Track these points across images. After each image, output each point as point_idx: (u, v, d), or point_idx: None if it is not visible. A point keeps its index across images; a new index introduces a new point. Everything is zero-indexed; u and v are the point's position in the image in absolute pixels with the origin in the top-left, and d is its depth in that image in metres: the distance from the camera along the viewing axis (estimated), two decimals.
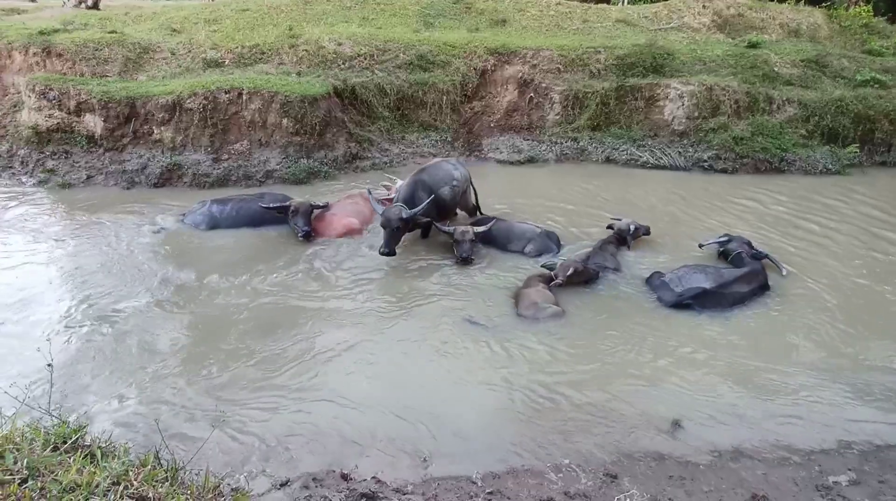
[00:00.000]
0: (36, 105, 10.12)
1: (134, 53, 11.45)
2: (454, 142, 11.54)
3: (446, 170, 7.97)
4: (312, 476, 4.17)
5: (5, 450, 1.99)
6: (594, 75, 11.92)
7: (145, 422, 4.44)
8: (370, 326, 5.92)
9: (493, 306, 6.36)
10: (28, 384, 4.53)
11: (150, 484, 1.98)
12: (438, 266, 7.23)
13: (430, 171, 7.87)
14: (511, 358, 5.50)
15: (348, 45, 11.66)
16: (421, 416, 4.76)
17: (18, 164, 10.05)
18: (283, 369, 5.24)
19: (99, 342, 5.51)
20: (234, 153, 10.23)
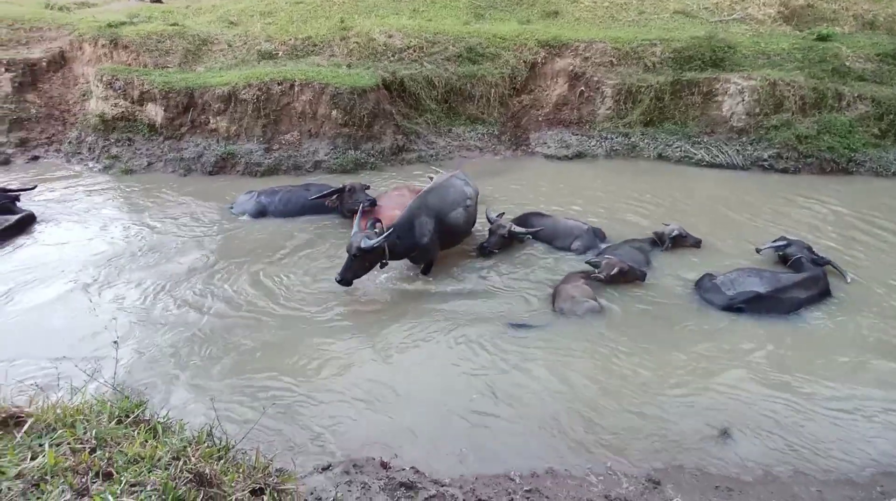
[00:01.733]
0: (103, 94, 10.66)
1: (193, 45, 11.86)
2: (501, 136, 11.43)
3: (458, 188, 6.99)
4: (353, 463, 4.24)
5: (76, 421, 2.11)
6: (649, 69, 11.52)
7: (199, 401, 4.63)
8: (411, 322, 5.94)
9: (533, 307, 6.28)
10: (97, 359, 4.84)
11: (206, 461, 2.06)
12: (479, 265, 7.17)
13: (438, 192, 6.84)
14: (552, 360, 5.41)
15: (398, 37, 11.70)
16: (460, 411, 4.77)
17: (86, 150, 10.63)
18: (329, 359, 5.35)
19: (161, 324, 5.78)
20: (284, 143, 10.48)
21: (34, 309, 5.92)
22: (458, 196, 6.92)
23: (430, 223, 6.49)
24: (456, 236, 7.02)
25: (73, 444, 2.00)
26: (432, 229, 6.50)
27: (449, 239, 6.94)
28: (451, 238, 6.99)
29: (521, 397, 4.96)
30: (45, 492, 1.73)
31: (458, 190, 6.99)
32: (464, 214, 6.93)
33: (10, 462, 1.84)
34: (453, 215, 6.76)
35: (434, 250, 6.70)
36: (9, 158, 10.59)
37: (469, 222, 7.12)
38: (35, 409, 2.20)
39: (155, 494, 1.77)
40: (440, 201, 6.71)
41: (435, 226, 6.54)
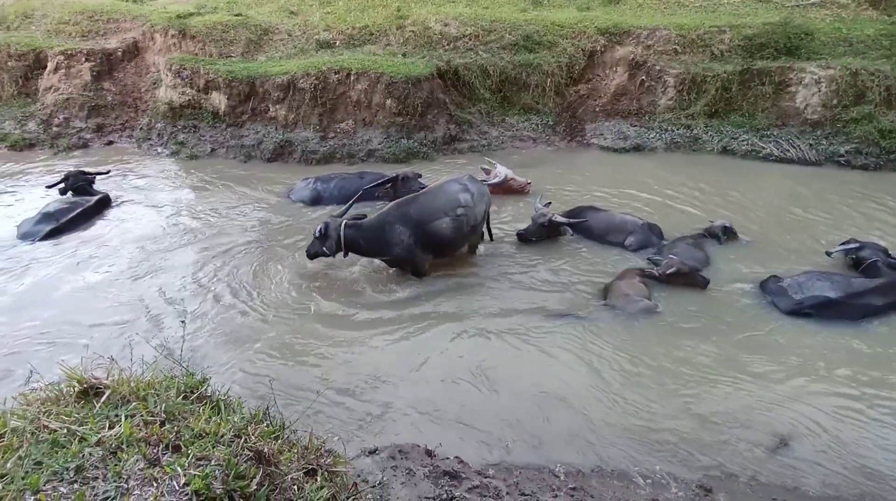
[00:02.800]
0: (172, 83, 11.19)
1: (255, 35, 12.23)
2: (555, 126, 11.20)
3: (449, 195, 6.37)
4: (399, 448, 4.32)
5: (148, 395, 2.25)
6: (716, 57, 10.94)
7: (256, 381, 4.84)
8: (458, 313, 5.96)
9: (582, 302, 6.17)
10: (165, 336, 5.13)
11: (264, 440, 2.15)
12: (525, 257, 7.09)
13: (422, 198, 6.39)
14: (603, 357, 5.31)
15: (454, 25, 11.64)
16: (506, 404, 4.77)
17: (156, 136, 11.22)
18: (378, 347, 5.45)
19: (220, 305, 6.05)
20: (339, 132, 10.68)
21: (109, 286, 6.34)
22: (446, 204, 6.27)
23: (406, 233, 6.13)
24: (443, 246, 6.42)
25: (145, 416, 2.13)
26: (407, 238, 6.14)
27: (437, 249, 6.44)
28: (440, 249, 6.45)
29: (566, 393, 4.90)
30: (122, 460, 1.85)
31: (448, 197, 6.33)
32: (450, 223, 6.22)
33: (90, 429, 1.99)
34: (436, 224, 6.18)
35: (412, 258, 6.33)
36: (87, 143, 11.32)
37: (459, 232, 6.35)
38: (111, 381, 2.35)
39: (219, 469, 1.86)
40: (420, 209, 6.24)
41: (413, 235, 6.15)
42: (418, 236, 6.19)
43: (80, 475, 1.78)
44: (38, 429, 2.02)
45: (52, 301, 6.03)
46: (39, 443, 1.93)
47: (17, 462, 1.81)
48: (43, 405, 2.17)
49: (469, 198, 6.39)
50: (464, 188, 6.43)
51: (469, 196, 6.39)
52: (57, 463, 1.80)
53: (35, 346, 5.32)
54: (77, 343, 5.32)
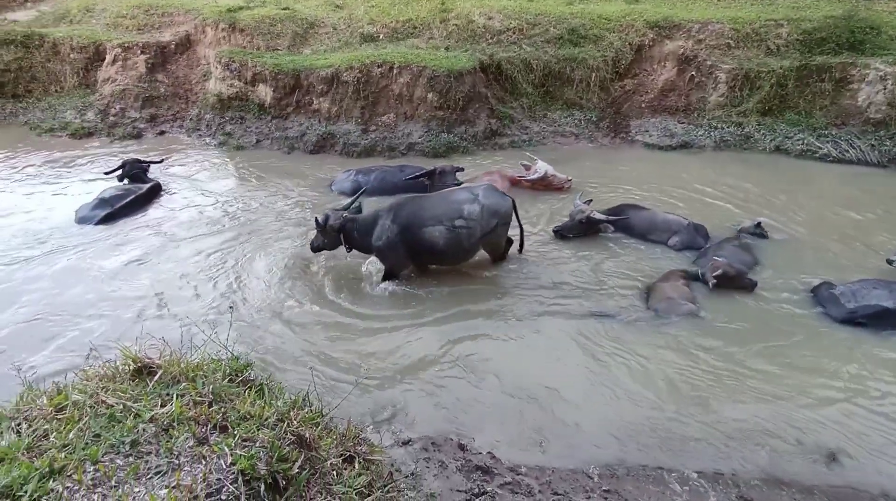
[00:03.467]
0: (221, 75, 11.52)
1: (301, 28, 12.45)
2: (599, 122, 10.97)
3: (453, 204, 6.02)
4: (432, 441, 4.36)
5: (197, 376, 2.34)
6: (771, 52, 10.48)
7: (297, 368, 4.95)
8: (498, 310, 5.93)
9: (624, 302, 6.05)
10: (213, 321, 5.31)
11: (306, 425, 2.20)
12: (566, 255, 7.00)
13: (423, 201, 6.19)
14: (642, 361, 5.19)
15: (498, 18, 11.54)
16: (543, 403, 4.73)
17: (204, 126, 11.59)
18: (416, 341, 5.48)
19: (270, 290, 6.22)
20: (380, 125, 10.77)
21: (157, 270, 6.60)
22: (445, 212, 5.95)
23: (394, 230, 5.95)
24: (434, 254, 6.13)
25: (194, 397, 2.22)
26: (394, 236, 5.96)
27: (427, 257, 6.19)
28: (430, 257, 6.19)
29: (605, 394, 4.83)
30: (173, 437, 1.94)
31: (450, 205, 6.01)
32: (444, 233, 5.89)
33: (144, 406, 2.08)
34: (428, 230, 5.90)
35: (393, 258, 6.14)
36: (141, 132, 11.79)
37: (456, 244, 5.99)
38: (163, 362, 2.46)
39: (263, 451, 1.92)
40: (416, 211, 6.01)
41: (401, 235, 5.96)
42: (406, 238, 5.96)
43: (135, 449, 1.87)
44: (96, 403, 2.13)
45: (105, 282, 6.33)
46: (98, 417, 2.04)
47: (78, 434, 1.92)
48: (101, 382, 2.29)
49: (476, 211, 5.95)
50: (472, 200, 6.01)
51: (476, 209, 5.96)
52: (114, 437, 1.90)
53: (91, 323, 5.60)
54: (127, 323, 5.58)
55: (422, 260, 6.28)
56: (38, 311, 5.80)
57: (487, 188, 6.24)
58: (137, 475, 1.74)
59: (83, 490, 1.65)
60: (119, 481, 1.71)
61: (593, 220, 7.12)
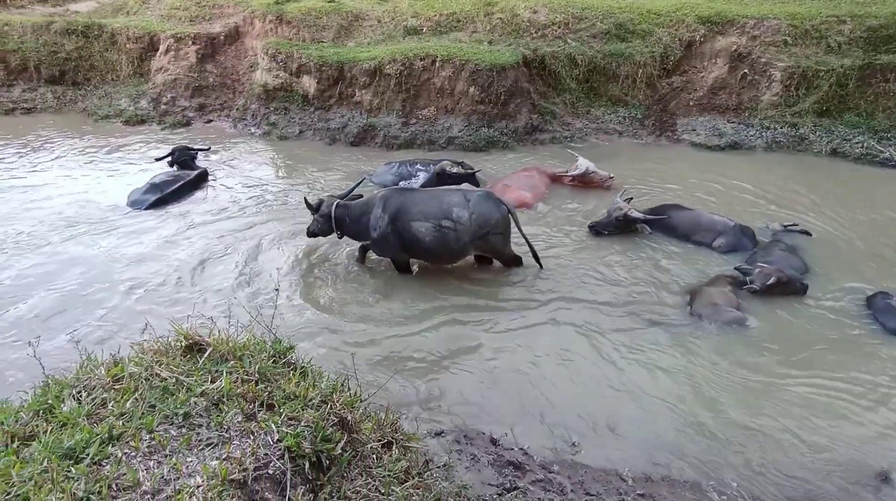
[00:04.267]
0: (267, 66, 11.76)
1: (346, 21, 12.58)
2: (644, 120, 10.70)
3: (445, 204, 5.92)
4: (464, 433, 4.37)
5: (244, 355, 2.40)
6: (832, 50, 9.97)
7: (337, 354, 5.03)
8: (532, 307, 5.88)
9: (664, 304, 5.90)
10: (259, 303, 5.46)
11: (348, 408, 2.24)
12: (604, 255, 6.86)
13: (417, 195, 6.14)
14: (681, 366, 5.06)
15: (543, 12, 11.37)
16: (577, 401, 4.68)
17: (250, 116, 11.86)
18: (455, 335, 5.49)
19: (306, 278, 6.35)
20: (421, 118, 10.80)
21: (203, 253, 6.81)
22: (434, 210, 5.88)
23: (385, 220, 5.92)
24: (420, 251, 6.07)
25: (242, 375, 2.28)
26: (385, 226, 5.94)
27: (415, 252, 6.14)
28: (417, 253, 6.14)
29: (640, 398, 4.73)
30: (223, 412, 2.00)
31: (440, 204, 5.92)
32: (431, 231, 5.83)
33: (195, 381, 2.15)
34: (416, 226, 5.86)
35: (388, 250, 6.16)
36: (190, 121, 12.17)
37: (443, 244, 5.90)
38: (213, 340, 2.53)
39: (308, 430, 1.96)
40: (407, 204, 5.97)
41: (391, 225, 5.93)
42: (396, 229, 5.94)
43: (187, 421, 1.94)
44: (151, 376, 2.21)
45: (152, 262, 6.58)
46: (153, 389, 2.12)
47: (134, 404, 2.00)
48: (155, 356, 2.38)
49: (463, 215, 5.83)
50: (463, 204, 5.89)
51: (465, 214, 5.83)
52: (168, 408, 1.97)
53: (144, 304, 5.83)
54: (171, 302, 5.79)
55: (412, 254, 6.21)
56: (88, 285, 6.10)
57: (482, 195, 6.06)
58: (190, 445, 1.81)
59: (139, 457, 1.72)
60: (172, 450, 1.78)
61: (630, 218, 6.97)
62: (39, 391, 2.27)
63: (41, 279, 6.23)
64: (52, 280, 6.21)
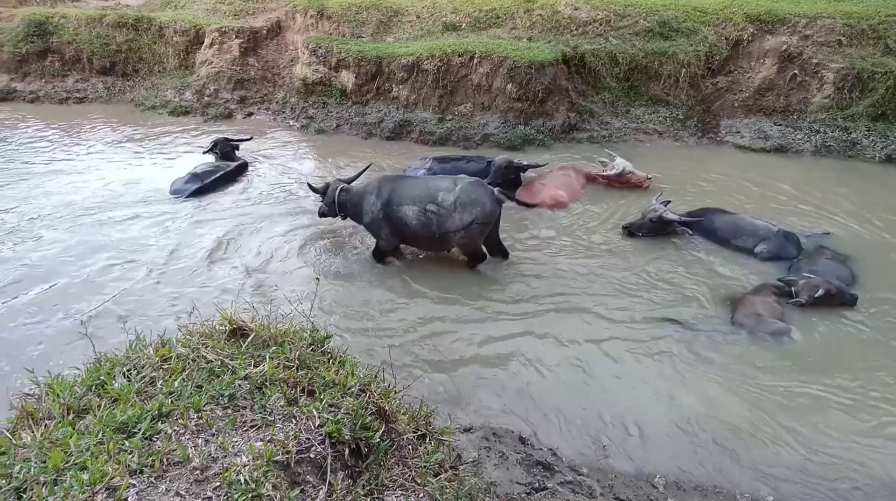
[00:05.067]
0: (307, 61, 11.95)
1: (386, 17, 12.66)
2: (685, 120, 10.44)
3: (431, 189, 6.01)
4: (493, 431, 4.36)
5: (285, 342, 2.45)
6: (890, 51, 9.52)
7: (369, 346, 5.09)
8: (565, 309, 5.80)
9: (704, 312, 5.75)
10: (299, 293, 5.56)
11: (385, 398, 2.26)
12: (640, 259, 6.72)
13: (407, 180, 6.33)
14: (719, 374, 4.92)
15: (585, 9, 11.20)
16: (607, 406, 4.61)
17: (289, 110, 12.09)
18: (485, 329, 5.48)
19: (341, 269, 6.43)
20: (457, 115, 10.80)
21: (244, 243, 6.97)
22: (421, 195, 5.99)
23: (377, 205, 6.11)
24: (407, 235, 6.19)
25: (283, 361, 2.32)
26: (377, 211, 6.11)
27: (403, 236, 6.25)
28: (404, 237, 6.26)
29: (673, 404, 4.62)
30: (266, 395, 2.04)
31: (427, 189, 6.01)
32: (417, 214, 5.94)
33: (240, 364, 2.21)
34: (403, 209, 6.00)
35: (379, 234, 6.29)
36: (231, 113, 12.48)
37: (426, 229, 5.98)
38: (255, 326, 2.59)
39: (348, 417, 1.99)
40: (397, 189, 6.11)
41: (383, 211, 6.07)
42: (386, 213, 6.10)
43: (232, 402, 1.99)
44: (197, 358, 2.28)
45: (191, 250, 6.77)
46: (199, 370, 2.18)
47: (182, 383, 2.07)
48: (201, 338, 2.45)
49: (448, 201, 5.87)
50: (450, 190, 5.93)
51: (450, 199, 5.87)
52: (214, 389, 2.03)
53: (188, 288, 6.01)
54: (215, 287, 5.96)
55: (403, 239, 6.34)
56: (126, 267, 6.33)
57: (472, 183, 6.03)
58: (235, 426, 1.85)
59: (188, 434, 1.78)
60: (218, 430, 1.83)
61: (666, 220, 6.82)
62: (92, 368, 2.37)
63: (84, 258, 6.52)
64: (95, 261, 6.47)
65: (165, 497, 1.50)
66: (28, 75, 13.83)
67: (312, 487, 1.71)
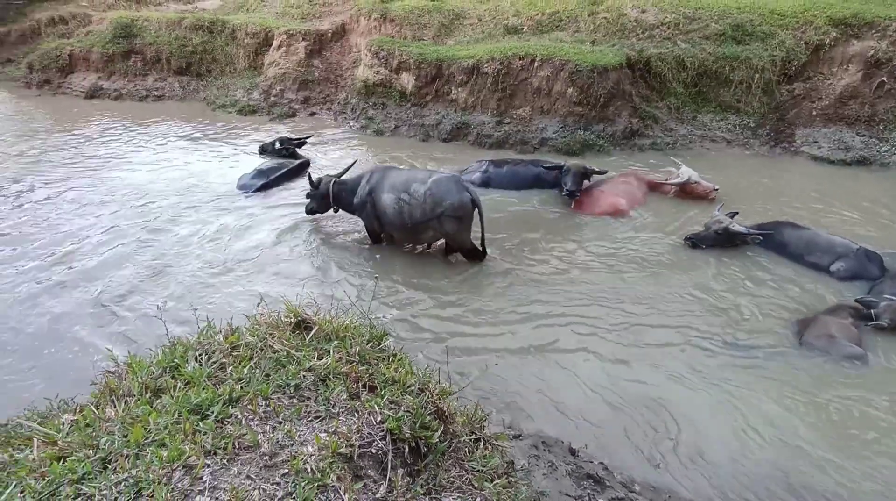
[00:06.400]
0: (369, 63, 12.20)
1: (447, 20, 12.75)
2: (757, 129, 9.92)
3: (408, 179, 6.34)
4: (543, 439, 4.27)
5: (344, 337, 2.50)
6: None
7: (423, 345, 5.12)
8: (621, 320, 5.63)
9: (770, 328, 5.43)
10: (358, 289, 5.67)
11: (443, 398, 2.26)
12: (703, 270, 6.43)
13: (391, 170, 6.61)
14: (785, 397, 4.64)
15: (652, 12, 10.87)
16: (662, 423, 4.43)
17: (350, 110, 12.38)
18: (536, 335, 5.40)
19: (407, 269, 6.48)
20: (515, 118, 10.72)
21: (305, 239, 7.19)
22: (399, 184, 6.34)
23: (366, 191, 6.52)
24: (385, 222, 6.50)
25: (347, 356, 2.36)
26: (365, 196, 6.54)
27: (384, 224, 6.55)
28: (386, 224, 6.54)
29: (734, 426, 4.39)
30: (329, 388, 2.08)
31: (405, 180, 6.35)
32: (394, 202, 6.27)
33: (304, 356, 2.27)
34: (383, 197, 6.37)
35: (367, 221, 6.72)
36: (295, 112, 12.93)
37: (400, 217, 6.29)
38: (318, 320, 2.65)
39: (408, 415, 2.00)
40: (383, 178, 6.50)
41: (369, 196, 6.50)
42: (371, 198, 6.50)
43: (298, 393, 2.04)
44: (264, 347, 2.36)
45: (256, 243, 7.03)
46: (266, 359, 2.26)
47: (251, 371, 2.14)
48: (267, 329, 2.53)
49: (419, 192, 6.15)
50: (423, 181, 6.23)
51: (421, 190, 6.15)
52: (280, 379, 2.09)
53: (255, 279, 6.25)
54: (274, 282, 6.16)
55: (383, 226, 6.64)
56: (200, 258, 6.63)
57: (448, 177, 6.29)
58: (300, 415, 1.90)
59: (257, 420, 1.84)
60: (285, 418, 1.88)
61: (731, 232, 6.51)
62: (167, 351, 2.50)
63: (156, 249, 6.90)
64: (166, 252, 6.83)
65: (237, 479, 1.55)
66: (113, 74, 14.85)
67: (374, 482, 1.72)
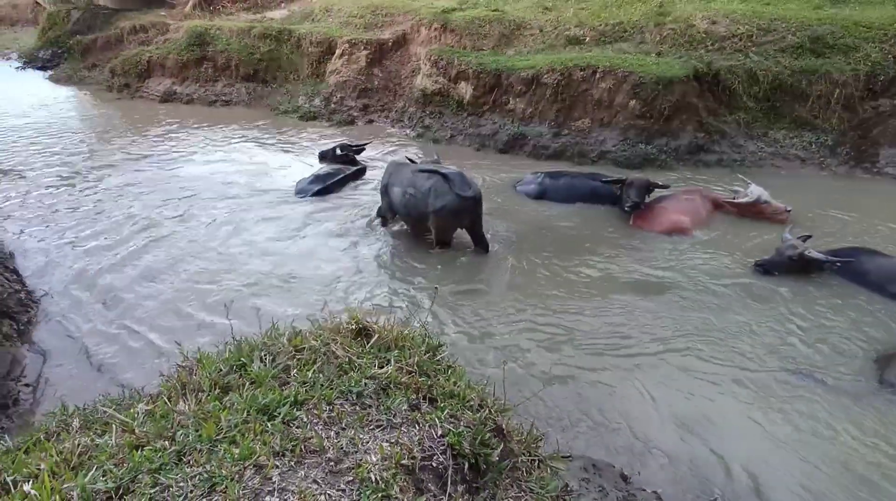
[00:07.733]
0: (428, 72, 12.35)
1: (508, 30, 12.75)
2: (836, 147, 9.33)
3: (415, 173, 6.91)
4: (593, 463, 4.12)
5: (403, 347, 2.50)
6: None
7: (477, 358, 5.06)
8: (684, 348, 5.35)
9: (847, 364, 5.05)
10: (417, 300, 5.66)
11: (503, 416, 2.21)
12: (773, 297, 6.05)
13: (406, 165, 7.33)
14: (862, 438, 4.28)
15: (724, 23, 10.46)
16: (720, 456, 4.18)
17: (407, 118, 12.57)
18: (594, 357, 5.24)
19: (466, 280, 6.41)
20: (573, 130, 10.55)
21: (362, 246, 7.24)
22: (409, 178, 6.89)
23: (385, 179, 7.26)
24: (395, 210, 7.21)
25: (405, 365, 2.36)
26: (383, 184, 7.27)
27: (396, 213, 7.25)
28: (395, 211, 7.26)
29: (802, 463, 4.09)
30: (390, 397, 2.08)
31: (414, 174, 6.87)
32: (400, 194, 6.91)
33: (366, 364, 2.28)
34: (394, 189, 7.04)
35: (384, 206, 7.45)
36: (354, 119, 13.24)
37: (407, 209, 6.91)
38: (378, 328, 2.67)
39: (468, 431, 1.97)
40: (395, 171, 7.21)
41: (385, 186, 7.22)
42: (386, 191, 7.22)
43: (360, 400, 2.05)
44: (327, 352, 2.39)
45: (314, 248, 7.18)
46: (328, 364, 2.28)
47: (315, 375, 2.17)
48: (330, 334, 2.57)
49: (424, 185, 6.66)
50: (427, 177, 6.70)
51: (425, 184, 6.65)
52: (343, 385, 2.11)
53: (316, 283, 6.34)
54: (331, 288, 6.26)
55: (395, 213, 7.32)
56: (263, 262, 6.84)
57: (453, 174, 6.61)
58: (363, 423, 1.91)
59: (321, 425, 1.86)
60: (348, 424, 1.89)
61: (807, 258, 6.09)
62: (235, 349, 2.57)
63: (220, 252, 7.09)
64: (230, 255, 7.01)
65: (304, 482, 1.57)
66: (186, 80, 15.71)
67: (434, 497, 1.70)
